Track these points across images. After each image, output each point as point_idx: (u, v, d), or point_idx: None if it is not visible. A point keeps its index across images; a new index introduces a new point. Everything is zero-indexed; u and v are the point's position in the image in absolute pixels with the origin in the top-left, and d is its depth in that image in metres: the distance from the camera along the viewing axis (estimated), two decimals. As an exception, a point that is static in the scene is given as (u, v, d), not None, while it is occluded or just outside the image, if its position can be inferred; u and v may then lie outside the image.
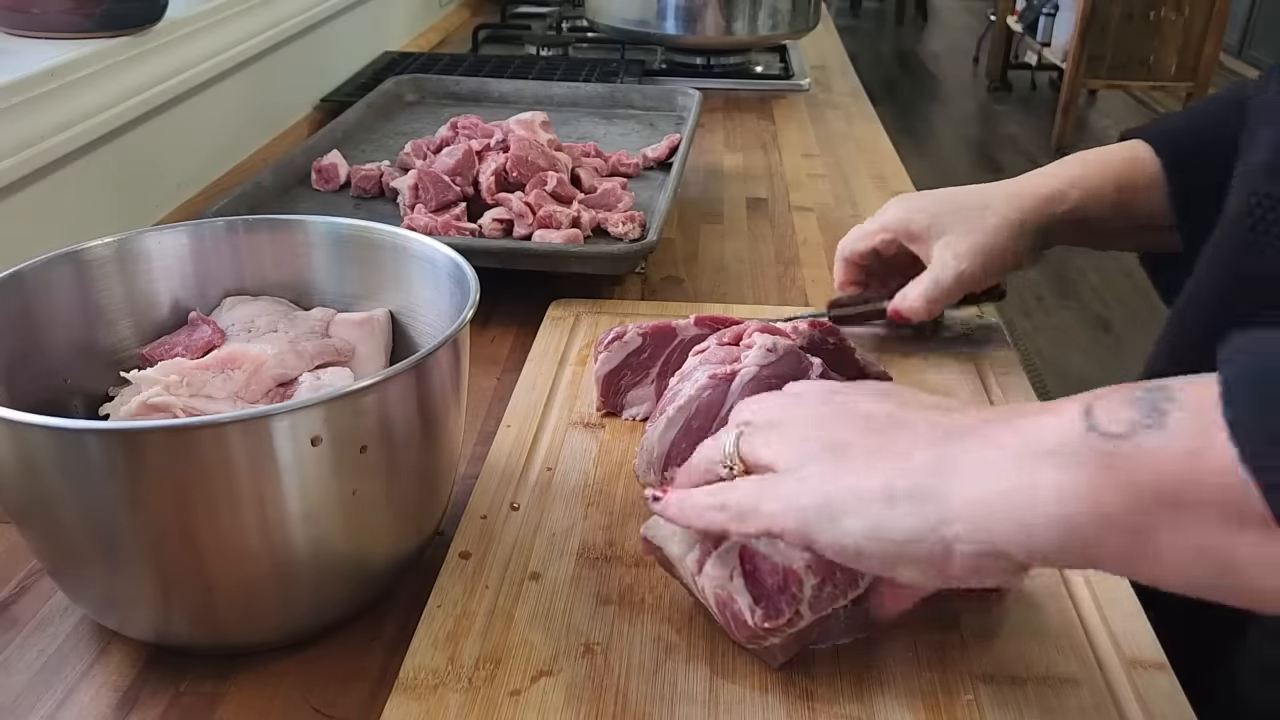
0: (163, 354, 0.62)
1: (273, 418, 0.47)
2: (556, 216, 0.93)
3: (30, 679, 0.53)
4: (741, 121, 1.46)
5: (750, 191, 1.20)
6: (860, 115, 1.52)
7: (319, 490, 0.50)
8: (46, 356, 0.59)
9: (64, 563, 0.53)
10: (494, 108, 1.32)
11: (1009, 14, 5.61)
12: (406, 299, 0.65)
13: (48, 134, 0.86)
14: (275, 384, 0.60)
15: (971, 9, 7.63)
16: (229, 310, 0.65)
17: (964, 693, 0.51)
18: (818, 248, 1.04)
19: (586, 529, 0.62)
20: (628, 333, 0.71)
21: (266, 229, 0.67)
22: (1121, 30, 4.55)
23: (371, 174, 1.03)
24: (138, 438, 0.46)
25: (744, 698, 0.50)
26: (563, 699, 0.50)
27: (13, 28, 0.94)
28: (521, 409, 0.73)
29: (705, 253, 1.03)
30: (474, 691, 0.50)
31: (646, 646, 0.53)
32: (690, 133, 1.16)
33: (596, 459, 0.68)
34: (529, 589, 0.57)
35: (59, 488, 0.48)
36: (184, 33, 1.06)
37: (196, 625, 0.53)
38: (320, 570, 0.52)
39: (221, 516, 0.48)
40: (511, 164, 0.98)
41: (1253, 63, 5.78)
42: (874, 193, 1.20)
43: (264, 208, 0.97)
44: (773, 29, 1.62)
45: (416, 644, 0.53)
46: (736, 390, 0.61)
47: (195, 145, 1.12)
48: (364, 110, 1.23)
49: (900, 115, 5.18)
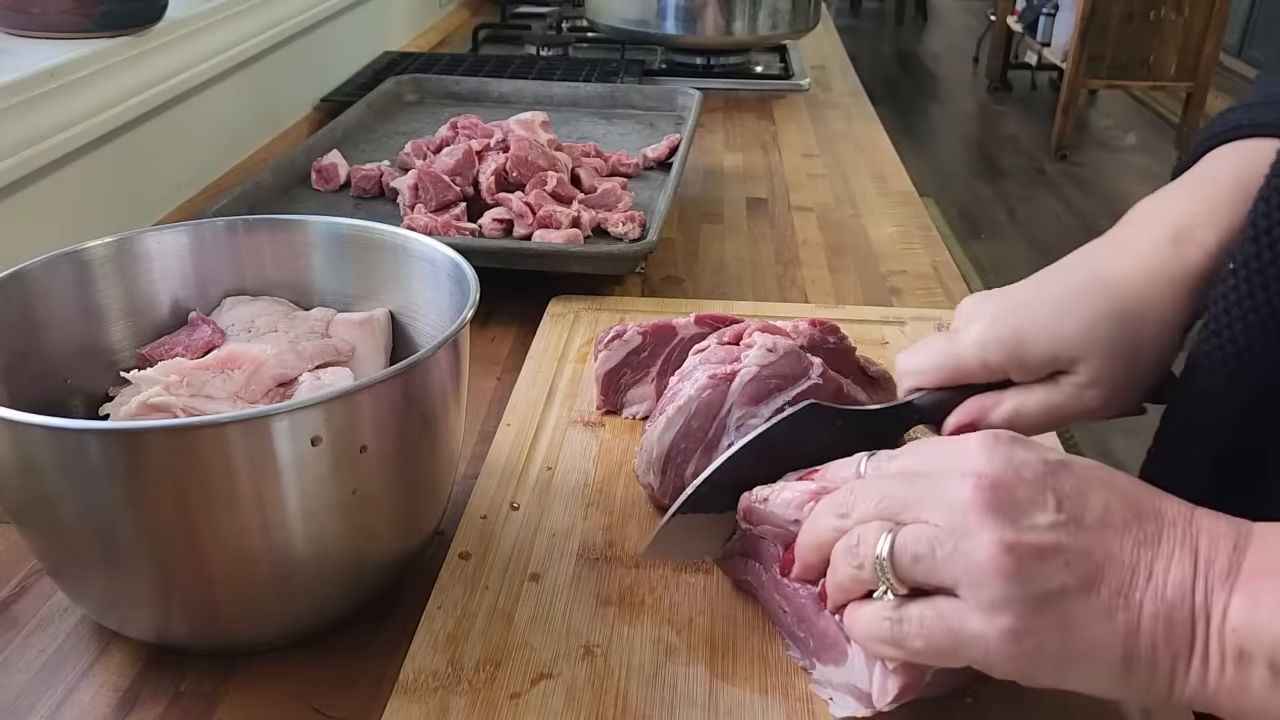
0: (163, 354, 0.62)
1: (273, 418, 0.47)
2: (556, 216, 0.93)
3: (30, 679, 0.53)
4: (741, 121, 1.46)
5: (750, 191, 1.20)
6: (860, 115, 1.52)
7: (319, 490, 0.50)
8: (46, 356, 0.59)
9: (64, 563, 0.52)
10: (494, 108, 1.32)
11: (1009, 14, 5.61)
12: (406, 299, 0.65)
13: (48, 134, 0.86)
14: (275, 384, 0.60)
15: (971, 9, 7.63)
16: (229, 310, 0.65)
17: (965, 696, 0.51)
18: (818, 248, 1.04)
19: (586, 529, 0.62)
20: (628, 331, 0.71)
21: (266, 229, 0.67)
22: (1121, 30, 4.55)
23: (371, 174, 1.03)
24: (138, 438, 0.46)
25: (744, 701, 0.50)
26: (563, 701, 0.50)
27: (13, 28, 0.94)
28: (521, 407, 0.73)
29: (705, 253, 1.03)
30: (474, 694, 0.50)
31: (646, 648, 0.53)
32: (690, 133, 1.16)
33: (596, 458, 0.68)
34: (529, 590, 0.57)
35: (59, 488, 0.48)
36: (184, 33, 1.06)
37: (196, 625, 0.52)
38: (320, 570, 0.52)
39: (221, 516, 0.48)
40: (511, 164, 0.98)
41: (1253, 63, 5.78)
42: (874, 193, 1.20)
43: (264, 208, 0.97)
44: (773, 29, 1.62)
45: (416, 646, 0.53)
46: (736, 390, 0.61)
47: (195, 145, 1.12)
48: (364, 110, 1.23)
49: (900, 115, 5.18)
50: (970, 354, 0.55)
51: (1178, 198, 0.57)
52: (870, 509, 0.45)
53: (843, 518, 0.46)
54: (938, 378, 0.57)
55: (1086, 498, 0.42)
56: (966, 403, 0.56)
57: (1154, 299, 0.53)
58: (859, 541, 0.44)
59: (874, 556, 0.43)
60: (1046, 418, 0.55)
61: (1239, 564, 0.41)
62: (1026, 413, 0.55)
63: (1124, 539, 0.41)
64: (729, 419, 0.61)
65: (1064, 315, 0.53)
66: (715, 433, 0.61)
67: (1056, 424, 0.56)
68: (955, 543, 0.41)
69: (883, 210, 1.15)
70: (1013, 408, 0.55)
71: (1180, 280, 0.53)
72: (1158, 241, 0.54)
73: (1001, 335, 0.54)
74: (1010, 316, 0.55)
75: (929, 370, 0.57)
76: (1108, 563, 0.41)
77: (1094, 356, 0.53)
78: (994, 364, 0.55)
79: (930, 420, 0.58)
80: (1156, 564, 0.41)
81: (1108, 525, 0.42)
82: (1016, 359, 0.54)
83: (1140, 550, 0.41)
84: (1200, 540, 0.41)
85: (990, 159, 4.86)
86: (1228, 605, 0.40)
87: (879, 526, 0.44)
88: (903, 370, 0.59)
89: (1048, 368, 0.54)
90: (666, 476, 0.62)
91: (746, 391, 0.61)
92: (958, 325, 0.57)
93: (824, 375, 0.62)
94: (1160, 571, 0.41)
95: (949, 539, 0.42)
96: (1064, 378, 0.54)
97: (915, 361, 0.58)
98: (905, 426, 0.58)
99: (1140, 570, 0.41)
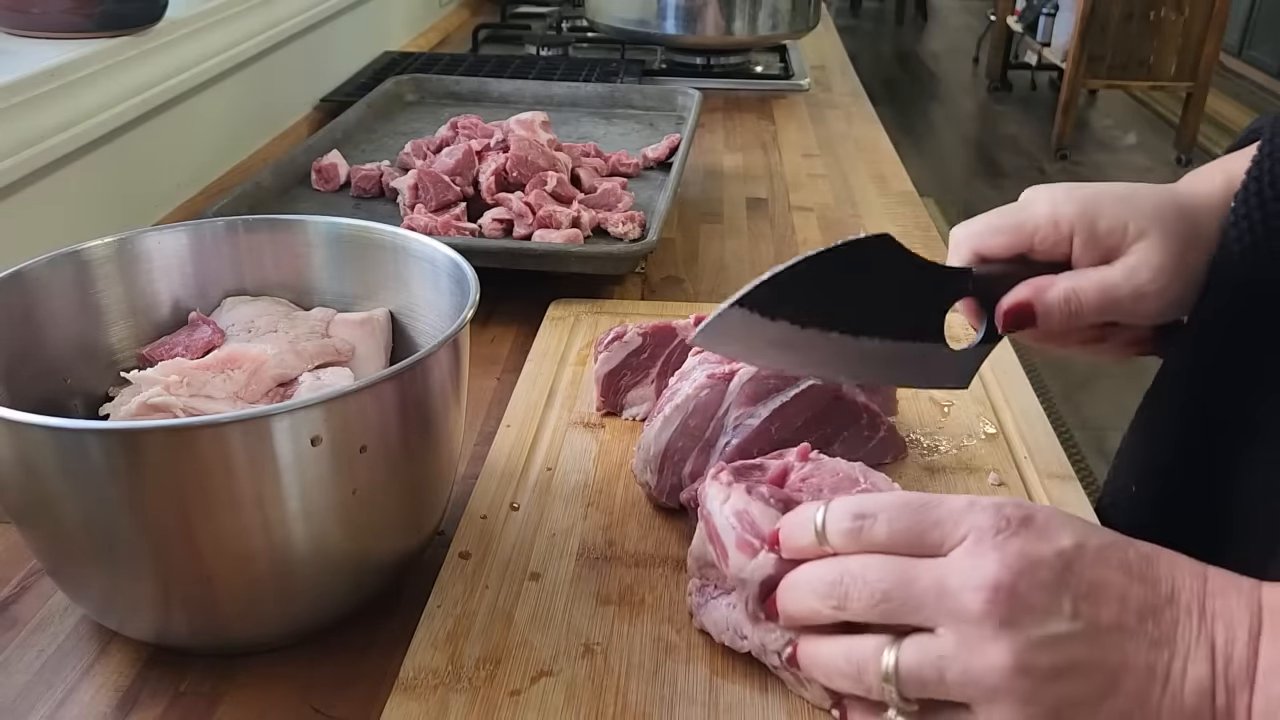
0: (163, 354, 0.62)
1: (273, 418, 0.47)
2: (556, 216, 0.93)
3: (30, 679, 0.53)
4: (741, 121, 1.46)
5: (750, 191, 1.20)
6: (860, 115, 1.52)
7: (319, 490, 0.50)
8: (46, 356, 0.59)
9: (64, 563, 0.53)
10: (494, 108, 1.32)
11: (1009, 14, 5.61)
12: (406, 299, 0.65)
13: (48, 134, 0.86)
14: (275, 384, 0.60)
15: (971, 9, 7.63)
16: (229, 310, 0.65)
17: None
18: (817, 247, 1.04)
19: (586, 529, 0.62)
20: (628, 332, 0.71)
21: (266, 229, 0.67)
22: (1121, 30, 4.55)
23: (371, 174, 1.03)
24: (138, 438, 0.46)
25: (744, 698, 0.50)
26: (562, 699, 0.50)
27: (13, 28, 0.94)
28: (521, 409, 0.73)
29: (705, 253, 1.03)
30: (474, 692, 0.50)
31: (646, 647, 0.53)
32: (690, 133, 1.16)
33: (596, 459, 0.68)
34: (529, 589, 0.57)
35: (59, 488, 0.48)
36: (184, 33, 1.06)
37: (196, 625, 0.53)
38: (320, 570, 0.52)
39: (221, 516, 0.48)
40: (511, 164, 0.98)
41: (1252, 62, 5.78)
42: (874, 193, 1.20)
43: (264, 208, 0.97)
44: (773, 29, 1.62)
45: (416, 644, 0.53)
46: (734, 390, 0.61)
47: (195, 145, 1.12)
48: (364, 110, 1.23)
49: (900, 115, 5.18)
50: (1043, 213, 0.56)
51: (1230, 158, 0.60)
52: (867, 606, 0.43)
53: (836, 609, 0.44)
54: (1000, 238, 0.57)
55: (1101, 593, 0.41)
56: (1024, 282, 0.56)
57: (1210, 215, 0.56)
58: (860, 670, 0.43)
59: (879, 676, 0.42)
60: (1102, 300, 0.55)
61: (1255, 657, 0.40)
62: (1083, 292, 0.55)
63: (1139, 640, 0.41)
64: (726, 419, 0.61)
65: (1135, 196, 0.56)
66: (713, 432, 0.62)
67: (1110, 310, 0.55)
68: (966, 664, 0.40)
69: (883, 210, 1.15)
70: (1070, 287, 0.55)
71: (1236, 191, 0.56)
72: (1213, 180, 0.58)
73: (1077, 196, 0.56)
74: (1083, 191, 0.56)
75: (989, 230, 0.57)
76: (1123, 670, 0.40)
77: (1157, 234, 0.54)
78: (1064, 223, 0.55)
79: (982, 293, 0.57)
80: (1174, 665, 0.40)
81: (1123, 628, 0.41)
82: (1088, 221, 0.55)
83: (1156, 652, 0.41)
84: (1216, 630, 0.41)
85: (990, 159, 4.86)
86: (1250, 708, 0.40)
87: (877, 645, 0.43)
88: (961, 235, 0.58)
89: (1116, 235, 0.55)
90: (663, 475, 0.62)
91: (745, 391, 0.61)
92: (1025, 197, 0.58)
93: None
94: (1178, 675, 0.40)
95: (957, 659, 0.41)
96: (1121, 259, 0.55)
97: (975, 224, 0.58)
98: (958, 295, 0.58)
99: (1158, 674, 0.40)
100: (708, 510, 0.51)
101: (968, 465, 0.67)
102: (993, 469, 0.67)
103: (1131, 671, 0.40)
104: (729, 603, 0.51)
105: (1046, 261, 0.57)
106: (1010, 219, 0.57)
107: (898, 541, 0.44)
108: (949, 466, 0.67)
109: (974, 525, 0.42)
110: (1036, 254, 0.57)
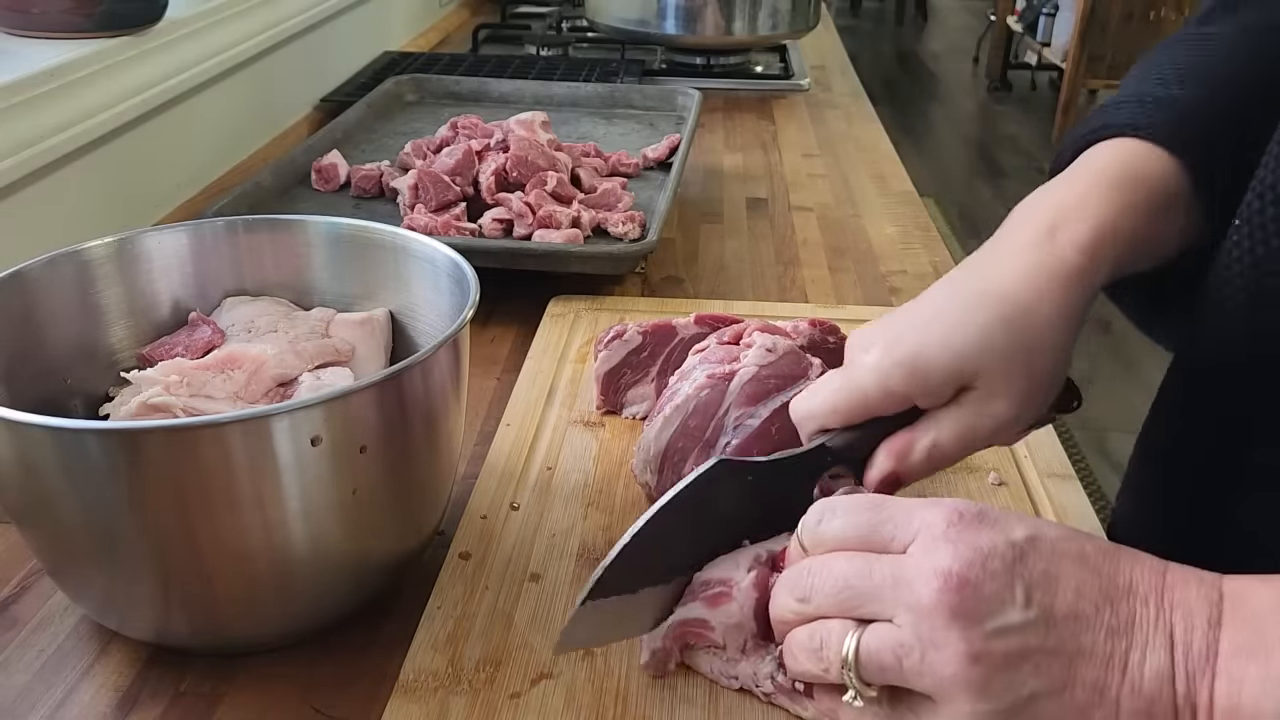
0: (163, 354, 0.62)
1: (273, 418, 0.47)
2: (556, 216, 0.93)
3: (30, 679, 0.53)
4: (741, 121, 1.46)
5: (750, 191, 1.20)
6: (860, 115, 1.52)
7: (319, 490, 0.50)
8: (46, 356, 0.59)
9: (64, 563, 0.53)
10: (494, 108, 1.32)
11: (1009, 14, 5.61)
12: (406, 299, 0.65)
13: (48, 134, 0.86)
14: (275, 384, 0.60)
15: (971, 9, 7.63)
16: (229, 310, 0.65)
17: None
18: (817, 248, 1.04)
19: (586, 529, 0.62)
20: (628, 331, 0.71)
21: (266, 229, 0.67)
22: (1121, 30, 4.55)
23: (371, 174, 1.03)
24: (138, 438, 0.46)
25: (744, 702, 0.50)
26: (563, 702, 0.50)
27: (13, 28, 0.94)
28: (521, 407, 0.73)
29: (705, 252, 1.03)
30: (474, 694, 0.50)
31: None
32: (690, 133, 1.16)
33: (596, 458, 0.68)
34: (529, 590, 0.57)
35: (59, 488, 0.48)
36: (184, 33, 1.06)
37: (196, 625, 0.52)
38: (320, 570, 0.52)
39: (221, 516, 0.48)
40: (511, 164, 0.98)
41: (1253, 63, 5.77)
42: (874, 193, 1.20)
43: (264, 208, 0.97)
44: (773, 29, 1.62)
45: (416, 646, 0.53)
46: (734, 390, 0.61)
47: (195, 145, 1.12)
48: (364, 110, 1.23)
49: (900, 115, 5.18)
50: (872, 384, 0.52)
51: (1049, 195, 0.55)
52: (830, 599, 0.44)
53: (802, 602, 0.45)
54: (842, 417, 0.54)
55: (1056, 583, 0.41)
56: (881, 449, 0.53)
57: (1039, 298, 0.51)
58: (822, 644, 0.44)
59: (839, 660, 0.43)
60: (962, 443, 0.52)
61: (1215, 644, 0.40)
62: (943, 443, 0.52)
63: (1096, 630, 0.41)
64: (726, 419, 0.61)
65: (957, 329, 0.51)
66: (713, 432, 0.61)
67: (973, 448, 0.53)
68: (922, 653, 0.41)
69: (882, 210, 1.15)
70: (930, 442, 0.52)
71: (1060, 275, 0.51)
72: (1033, 240, 0.53)
73: (900, 359, 0.51)
74: (904, 339, 0.52)
75: (831, 411, 0.54)
76: (1080, 659, 0.40)
77: (993, 366, 0.51)
78: (897, 390, 0.52)
79: (844, 460, 0.55)
80: (1131, 654, 0.40)
81: (1079, 616, 0.41)
82: (919, 381, 0.51)
83: (1114, 641, 0.40)
84: (1175, 619, 0.41)
85: (990, 159, 4.86)
86: (1212, 694, 0.39)
87: (841, 627, 0.43)
88: (803, 415, 0.55)
89: (951, 384, 0.51)
90: (663, 475, 0.62)
91: (745, 391, 0.61)
92: (851, 358, 0.54)
93: (823, 375, 0.62)
94: (1135, 664, 0.40)
95: (915, 648, 0.41)
96: (967, 395, 0.52)
97: (814, 404, 0.54)
98: (819, 472, 0.54)
99: (1115, 664, 0.40)
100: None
101: (968, 465, 0.67)
102: (993, 469, 0.67)
103: (1088, 660, 0.40)
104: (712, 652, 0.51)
105: (895, 415, 0.53)
106: (844, 398, 0.53)
107: (859, 534, 0.45)
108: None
109: (927, 521, 0.43)
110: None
